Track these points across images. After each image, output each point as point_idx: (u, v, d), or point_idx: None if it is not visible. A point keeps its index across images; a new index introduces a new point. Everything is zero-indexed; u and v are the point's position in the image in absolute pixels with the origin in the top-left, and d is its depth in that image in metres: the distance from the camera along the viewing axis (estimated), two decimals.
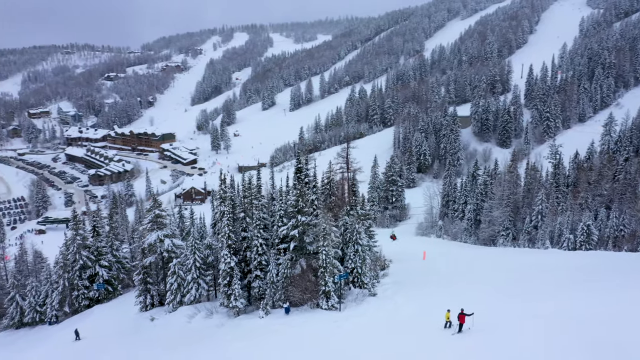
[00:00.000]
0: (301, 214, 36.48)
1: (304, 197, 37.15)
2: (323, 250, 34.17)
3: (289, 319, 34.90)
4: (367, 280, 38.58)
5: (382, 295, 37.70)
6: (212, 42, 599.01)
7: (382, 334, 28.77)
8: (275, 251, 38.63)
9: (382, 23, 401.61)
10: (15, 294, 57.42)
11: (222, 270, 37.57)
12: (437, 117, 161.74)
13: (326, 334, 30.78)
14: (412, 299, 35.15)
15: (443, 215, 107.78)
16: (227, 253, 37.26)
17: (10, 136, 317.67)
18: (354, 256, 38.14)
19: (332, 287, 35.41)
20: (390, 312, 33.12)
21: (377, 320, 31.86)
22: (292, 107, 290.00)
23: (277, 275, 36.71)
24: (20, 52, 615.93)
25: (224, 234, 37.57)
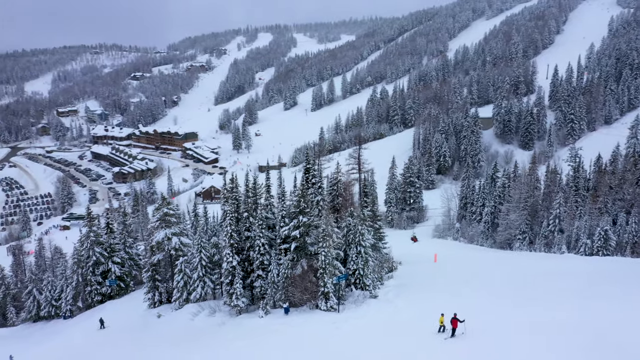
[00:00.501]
0: (303, 214, 36.46)
1: (305, 197, 37.12)
2: (322, 251, 34.08)
3: (288, 319, 34.95)
4: (368, 282, 38.32)
5: (383, 297, 37.41)
6: (237, 42, 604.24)
7: (378, 337, 28.62)
8: (278, 251, 38.70)
9: (406, 23, 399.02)
10: (33, 288, 58.90)
11: (224, 269, 37.84)
12: (458, 118, 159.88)
13: (323, 335, 30.75)
14: (413, 302, 34.82)
15: (461, 217, 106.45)
16: (229, 252, 37.51)
17: (40, 134, 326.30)
18: (356, 258, 37.91)
19: (331, 289, 35.30)
20: (389, 314, 32.88)
21: (374, 323, 31.67)
22: (314, 107, 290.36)
23: (277, 276, 36.80)
24: (51, 52, 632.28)
25: (226, 233, 37.83)
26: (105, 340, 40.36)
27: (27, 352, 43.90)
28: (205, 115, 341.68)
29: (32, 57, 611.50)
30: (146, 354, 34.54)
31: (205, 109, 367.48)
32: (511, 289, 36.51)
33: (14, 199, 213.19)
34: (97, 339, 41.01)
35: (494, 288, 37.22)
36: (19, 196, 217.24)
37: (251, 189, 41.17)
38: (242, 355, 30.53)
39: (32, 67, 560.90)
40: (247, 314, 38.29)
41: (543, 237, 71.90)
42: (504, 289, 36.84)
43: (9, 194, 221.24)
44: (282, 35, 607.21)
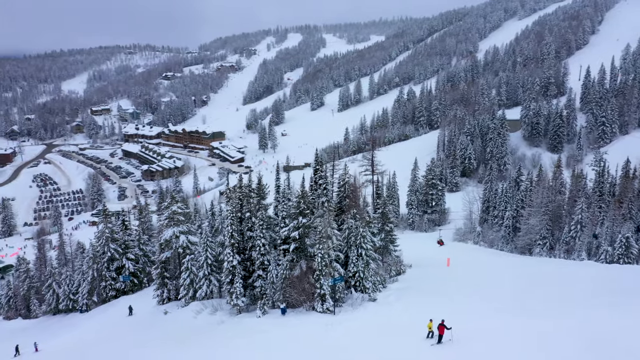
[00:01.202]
0: (303, 216, 36.42)
1: (305, 199, 37.07)
2: (319, 253, 33.95)
3: (284, 320, 34.98)
4: (368, 285, 37.96)
5: (382, 300, 37.03)
6: (267, 42, 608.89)
7: (366, 340, 28.39)
8: (278, 252, 38.77)
9: (436, 23, 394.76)
10: (52, 282, 60.62)
11: (225, 269, 38.14)
12: (485, 120, 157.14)
13: (315, 336, 30.66)
14: (411, 306, 34.35)
15: (483, 221, 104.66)
16: (230, 252, 37.78)
17: (74, 132, 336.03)
18: (357, 260, 37.61)
19: (328, 290, 35.12)
20: (383, 318, 32.54)
21: (366, 326, 31.38)
22: (340, 108, 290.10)
23: (276, 276, 36.88)
24: (88, 52, 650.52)
25: (227, 233, 38.12)
26: (113, 335, 41.23)
27: (46, 343, 45.51)
28: (233, 115, 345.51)
29: (70, 57, 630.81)
30: (149, 350, 35.09)
31: (233, 108, 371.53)
32: (516, 297, 35.56)
33: (47, 195, 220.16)
34: (105, 334, 41.96)
35: (499, 295, 36.36)
36: (52, 192, 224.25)
37: (254, 189, 41.39)
38: (233, 354, 30.69)
39: (69, 67, 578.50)
40: (247, 313, 38.52)
41: (564, 243, 70.02)
42: (509, 296, 35.94)
43: (42, 189, 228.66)
44: (312, 35, 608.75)
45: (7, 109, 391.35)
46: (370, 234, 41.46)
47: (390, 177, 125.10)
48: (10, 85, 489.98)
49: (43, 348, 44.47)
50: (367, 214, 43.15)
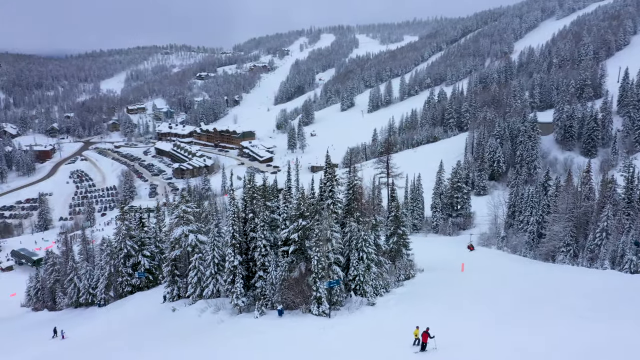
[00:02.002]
0: (303, 218, 36.41)
1: (306, 200, 37.05)
2: (316, 255, 33.84)
3: (280, 321, 35.05)
4: (368, 288, 37.61)
5: (381, 305, 36.61)
6: (299, 43, 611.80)
7: (353, 345, 28.14)
8: (279, 253, 38.87)
9: (470, 24, 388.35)
10: (74, 276, 62.51)
11: (227, 269, 38.52)
12: (515, 122, 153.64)
13: (307, 340, 30.57)
14: (407, 312, 33.79)
15: (508, 226, 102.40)
16: (231, 252, 38.12)
17: (110, 130, 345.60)
18: (357, 264, 37.31)
19: (324, 293, 34.98)
20: (377, 323, 32.17)
21: (357, 331, 31.09)
22: (370, 109, 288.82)
23: (276, 277, 37.00)
24: (126, 52, 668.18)
25: (228, 233, 38.48)
26: (122, 330, 42.23)
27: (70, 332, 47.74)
28: (264, 115, 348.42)
29: (109, 57, 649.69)
30: (154, 345, 35.79)
31: (265, 108, 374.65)
32: (523, 306, 34.52)
33: (82, 191, 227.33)
34: (115, 328, 43.03)
35: (506, 303, 35.36)
36: (87, 188, 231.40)
37: (257, 190, 41.64)
38: (229, 354, 30.93)
39: (108, 67, 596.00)
40: (247, 313, 38.80)
41: (588, 251, 67.76)
42: (516, 305, 34.93)
43: (78, 185, 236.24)
44: (344, 36, 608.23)
45: (49, 107, 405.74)
46: (376, 237, 41.10)
47: (415, 179, 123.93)
48: (52, 84, 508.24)
49: (69, 336, 47.21)
50: (374, 217, 42.73)
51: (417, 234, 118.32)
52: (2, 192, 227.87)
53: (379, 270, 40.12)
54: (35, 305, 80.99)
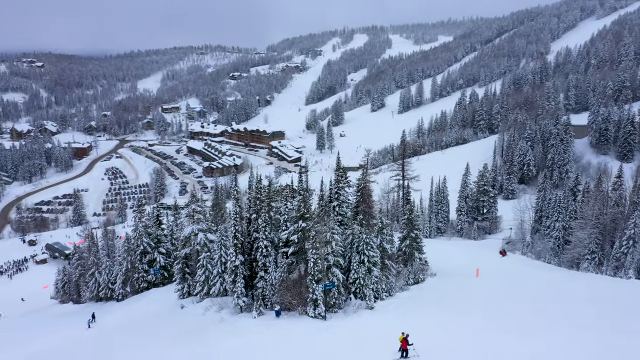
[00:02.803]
0: (303, 219, 36.36)
1: (306, 202, 36.99)
2: (312, 257, 33.75)
3: (276, 322, 35.11)
4: (368, 292, 37.23)
5: (380, 309, 36.18)
6: (332, 43, 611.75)
7: (339, 349, 27.88)
8: (280, 254, 38.93)
9: (506, 24, 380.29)
10: (95, 271, 64.31)
11: (228, 268, 38.86)
12: (547, 125, 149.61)
13: (298, 341, 30.53)
14: (405, 318, 33.24)
15: (535, 231, 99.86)
16: (232, 252, 38.43)
17: (145, 128, 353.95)
18: (358, 266, 36.99)
19: (320, 296, 34.83)
20: (370, 327, 31.80)
21: (348, 334, 30.83)
22: (401, 110, 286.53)
23: (275, 278, 37.09)
24: (163, 52, 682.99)
25: (230, 233, 38.78)
26: (129, 325, 43.17)
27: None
28: (295, 115, 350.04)
29: (146, 57, 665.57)
30: (153, 342, 36.45)
31: (296, 108, 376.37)
32: (528, 314, 33.49)
33: (116, 187, 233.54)
34: (126, 322, 44.03)
35: (511, 311, 34.38)
36: (120, 185, 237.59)
37: (264, 189, 41.84)
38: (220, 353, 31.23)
39: (145, 67, 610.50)
40: (248, 313, 39.00)
41: (614, 260, 65.36)
42: (522, 313, 33.91)
43: (112, 182, 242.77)
44: (378, 36, 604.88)
45: (87, 106, 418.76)
46: (382, 240, 40.70)
47: (440, 182, 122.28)
48: (92, 84, 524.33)
49: (93, 325, 49.31)
50: (380, 219, 42.33)
51: (440, 237, 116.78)
52: (42, 188, 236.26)
53: (383, 274, 39.71)
54: (62, 298, 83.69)
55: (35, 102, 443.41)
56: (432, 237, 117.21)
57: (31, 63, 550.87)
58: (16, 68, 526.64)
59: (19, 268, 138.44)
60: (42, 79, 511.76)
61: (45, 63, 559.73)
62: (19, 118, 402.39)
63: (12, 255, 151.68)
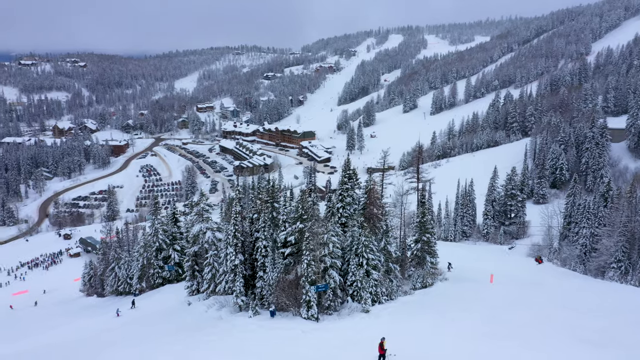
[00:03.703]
0: (301, 221, 36.26)
1: (304, 204, 36.86)
2: (305, 259, 33.60)
3: (269, 322, 35.10)
4: (365, 295, 36.74)
5: (375, 312, 35.60)
6: (367, 43, 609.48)
7: (319, 352, 27.63)
8: (278, 255, 38.95)
9: (545, 23, 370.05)
10: (115, 266, 66.02)
11: (228, 267, 39.15)
12: (582, 128, 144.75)
13: (284, 342, 30.45)
14: (397, 322, 32.64)
15: (564, 237, 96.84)
16: (232, 251, 38.70)
17: (179, 127, 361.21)
18: (356, 269, 36.58)
19: (313, 297, 34.62)
20: (359, 331, 31.36)
21: (334, 337, 30.51)
22: (433, 111, 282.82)
23: (272, 278, 37.14)
24: (199, 52, 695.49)
25: (230, 232, 39.06)
26: (139, 320, 44.12)
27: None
28: (327, 115, 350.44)
29: (184, 57, 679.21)
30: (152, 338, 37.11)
31: (328, 109, 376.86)
32: (531, 325, 32.27)
33: (150, 184, 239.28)
34: (136, 316, 45.05)
35: (513, 320, 33.26)
36: (154, 182, 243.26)
37: (268, 190, 41.97)
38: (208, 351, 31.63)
39: (183, 67, 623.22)
40: (247, 312, 39.18)
41: None
42: (525, 322, 32.79)
43: (147, 179, 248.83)
44: (413, 36, 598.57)
45: (125, 105, 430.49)
46: (387, 243, 40.22)
47: (466, 185, 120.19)
48: (131, 83, 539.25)
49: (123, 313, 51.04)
50: (386, 222, 41.81)
51: (466, 241, 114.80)
52: (79, 183, 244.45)
53: (384, 277, 39.19)
54: (87, 291, 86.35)
55: (77, 101, 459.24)
56: (457, 240, 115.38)
57: (74, 63, 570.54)
58: (60, 68, 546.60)
59: (53, 260, 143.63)
60: (84, 79, 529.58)
61: (87, 63, 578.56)
62: (62, 116, 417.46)
63: (49, 248, 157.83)
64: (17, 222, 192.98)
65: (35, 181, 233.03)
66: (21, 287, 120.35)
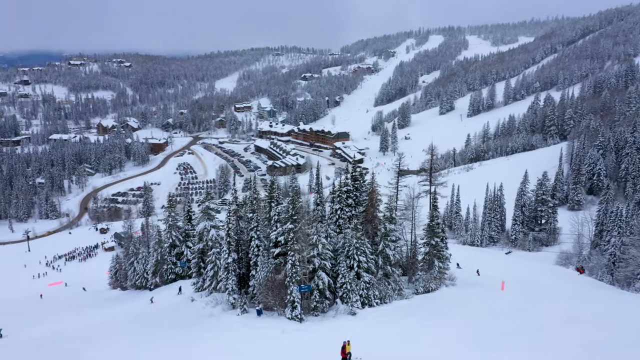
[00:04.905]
0: (291, 221, 36.18)
1: (295, 204, 36.78)
2: (290, 259, 33.50)
3: (253, 321, 35.25)
4: (354, 297, 36.28)
5: (362, 316, 35.01)
6: (406, 44, 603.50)
7: (295, 353, 27.43)
8: (268, 254, 39.01)
9: (592, 23, 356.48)
10: (134, 261, 67.93)
11: (222, 265, 39.55)
12: (623, 132, 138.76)
13: (264, 340, 30.50)
14: (380, 326, 32.06)
15: (595, 245, 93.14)
16: (226, 249, 39.08)
17: (217, 126, 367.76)
18: (345, 271, 36.18)
19: (297, 297, 34.44)
20: (339, 333, 30.80)
21: (314, 339, 30.26)
22: (470, 113, 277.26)
23: (262, 277, 37.27)
24: (240, 53, 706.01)
25: (224, 231, 39.42)
26: (143, 315, 45.22)
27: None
28: (362, 116, 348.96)
29: (225, 57, 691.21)
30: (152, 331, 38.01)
31: (364, 110, 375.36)
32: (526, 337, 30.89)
33: (185, 182, 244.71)
34: (147, 310, 46.24)
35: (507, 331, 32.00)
36: (190, 180, 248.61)
37: (268, 189, 42.22)
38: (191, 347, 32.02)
39: (224, 67, 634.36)
40: (237, 309, 39.45)
41: None
42: (517, 334, 31.46)
43: (183, 177, 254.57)
44: (454, 37, 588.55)
45: (167, 104, 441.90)
46: (385, 246, 39.66)
47: (495, 189, 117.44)
48: (173, 83, 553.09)
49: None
50: (384, 225, 41.19)
51: (493, 246, 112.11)
52: (119, 180, 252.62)
53: (382, 281, 38.59)
54: (113, 285, 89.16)
55: (122, 100, 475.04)
56: (484, 246, 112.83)
57: (120, 63, 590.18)
58: (107, 68, 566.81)
59: (89, 254, 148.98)
60: (129, 78, 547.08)
61: (132, 63, 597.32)
62: (107, 114, 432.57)
63: (86, 241, 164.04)
64: (59, 215, 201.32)
65: (78, 177, 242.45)
66: (57, 278, 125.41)
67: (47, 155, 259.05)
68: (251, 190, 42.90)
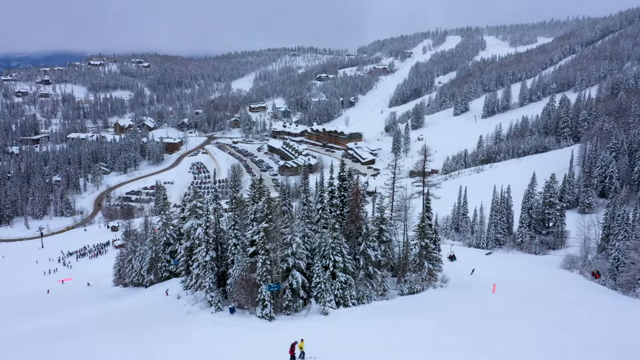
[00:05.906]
0: (266, 220, 36.22)
1: (270, 203, 36.80)
2: (260, 258, 33.55)
3: (224, 319, 35.47)
4: (329, 297, 36.15)
5: (334, 316, 34.98)
6: (423, 45, 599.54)
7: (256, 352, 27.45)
8: (244, 253, 39.09)
9: (612, 23, 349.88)
10: (132, 258, 68.75)
11: (199, 263, 39.80)
12: (637, 134, 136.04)
13: (229, 337, 30.60)
14: (348, 327, 31.87)
15: (601, 249, 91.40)
16: (204, 248, 39.31)
17: (231, 126, 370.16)
18: (320, 271, 36.07)
19: (267, 296, 34.45)
20: (308, 333, 30.80)
21: (278, 338, 30.22)
22: (485, 115, 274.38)
23: (236, 276, 37.38)
24: (257, 54, 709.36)
25: (202, 229, 39.64)
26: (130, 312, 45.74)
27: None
28: (376, 117, 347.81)
29: (241, 58, 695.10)
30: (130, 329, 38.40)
31: (378, 110, 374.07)
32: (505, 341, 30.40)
33: (198, 181, 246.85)
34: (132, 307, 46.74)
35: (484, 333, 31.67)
36: (202, 179, 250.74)
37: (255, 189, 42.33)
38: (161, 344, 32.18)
39: (240, 67, 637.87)
40: (214, 307, 39.64)
41: None
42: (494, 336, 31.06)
43: (196, 176, 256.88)
44: (472, 37, 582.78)
45: (182, 104, 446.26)
46: (367, 246, 39.48)
47: (502, 191, 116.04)
48: (190, 83, 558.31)
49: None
50: (365, 226, 41.02)
51: (499, 249, 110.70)
52: (133, 178, 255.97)
53: (363, 281, 38.38)
54: (116, 282, 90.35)
55: (139, 100, 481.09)
56: (489, 248, 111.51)
57: (139, 63, 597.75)
58: (125, 68, 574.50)
59: (99, 251, 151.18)
60: (147, 78, 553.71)
61: (150, 63, 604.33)
62: (124, 114, 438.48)
63: (98, 239, 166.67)
64: (73, 213, 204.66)
65: (93, 175, 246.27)
66: (67, 274, 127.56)
67: (65, 153, 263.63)
68: (231, 188, 43.03)
